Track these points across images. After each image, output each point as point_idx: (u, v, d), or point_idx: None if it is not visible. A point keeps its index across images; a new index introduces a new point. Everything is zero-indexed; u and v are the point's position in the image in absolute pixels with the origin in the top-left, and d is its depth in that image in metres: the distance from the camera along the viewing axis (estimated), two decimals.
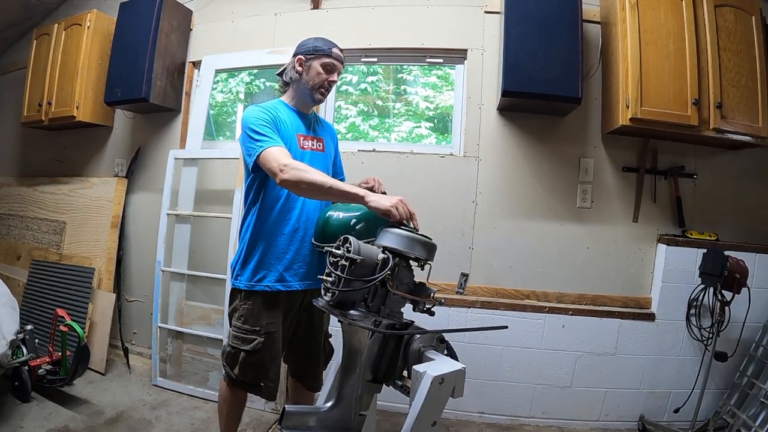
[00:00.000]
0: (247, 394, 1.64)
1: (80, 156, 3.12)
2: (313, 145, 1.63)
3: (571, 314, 2.29)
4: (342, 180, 1.81)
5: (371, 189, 1.59)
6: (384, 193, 1.62)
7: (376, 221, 1.38)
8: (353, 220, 1.39)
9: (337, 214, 1.43)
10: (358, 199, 1.29)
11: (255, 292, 1.54)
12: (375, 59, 2.63)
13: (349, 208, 1.45)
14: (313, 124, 1.68)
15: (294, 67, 1.61)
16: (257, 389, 1.55)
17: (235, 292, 1.60)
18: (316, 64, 1.58)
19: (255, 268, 1.54)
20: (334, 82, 1.62)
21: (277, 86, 1.71)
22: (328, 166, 1.70)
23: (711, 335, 2.11)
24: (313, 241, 1.51)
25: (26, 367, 2.23)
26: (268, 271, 1.53)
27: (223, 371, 1.60)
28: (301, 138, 1.60)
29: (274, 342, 1.54)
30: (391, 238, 1.15)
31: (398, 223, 1.21)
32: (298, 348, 1.69)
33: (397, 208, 1.22)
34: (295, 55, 1.62)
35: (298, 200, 1.55)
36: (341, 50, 1.63)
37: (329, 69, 1.59)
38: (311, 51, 1.59)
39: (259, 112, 1.51)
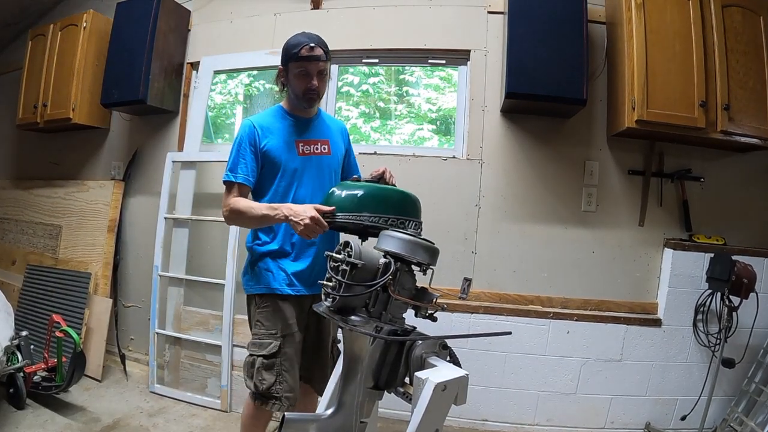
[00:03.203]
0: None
1: (76, 159, 3.08)
2: (316, 149, 1.61)
3: (576, 320, 2.26)
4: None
5: (381, 177, 1.56)
6: (393, 185, 1.57)
7: (380, 198, 1.39)
8: (360, 193, 1.39)
9: (341, 191, 1.41)
10: (279, 219, 1.40)
11: (268, 296, 1.55)
12: (376, 60, 2.60)
13: (355, 185, 1.43)
14: (315, 127, 1.64)
15: (280, 79, 1.59)
16: (277, 401, 1.49)
17: (249, 298, 1.62)
18: (293, 72, 1.53)
19: (266, 272, 1.56)
20: (315, 86, 1.53)
21: (276, 89, 1.68)
22: (336, 168, 1.67)
23: (718, 341, 2.08)
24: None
25: (21, 374, 2.20)
26: (278, 275, 1.55)
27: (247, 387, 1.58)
28: (301, 144, 1.58)
29: (290, 345, 1.54)
30: (393, 242, 1.13)
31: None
32: (307, 352, 1.68)
33: (304, 228, 1.33)
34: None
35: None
36: (316, 45, 1.50)
37: (303, 74, 1.51)
38: (285, 60, 1.54)
39: (244, 132, 1.53)
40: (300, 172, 1.55)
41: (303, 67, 1.50)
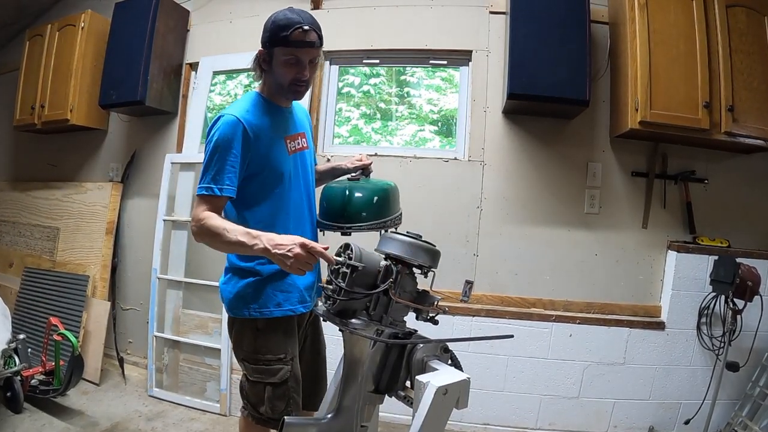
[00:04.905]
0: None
1: (74, 160, 3.07)
2: (299, 144, 1.41)
3: (579, 323, 2.24)
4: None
5: (366, 168, 1.51)
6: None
7: (392, 197, 1.36)
8: (375, 198, 1.37)
9: (359, 193, 1.38)
10: (258, 251, 1.14)
11: (277, 319, 1.34)
12: (377, 61, 2.59)
13: (370, 188, 1.40)
14: (293, 118, 1.43)
15: (258, 64, 1.32)
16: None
17: (247, 323, 1.35)
18: (280, 58, 1.26)
19: (274, 294, 1.34)
20: (306, 77, 1.28)
21: (252, 77, 1.46)
22: (313, 162, 1.52)
23: (722, 344, 2.06)
24: (321, 220, 1.41)
25: (18, 378, 2.19)
26: (289, 293, 1.35)
27: (245, 410, 1.40)
28: (289, 141, 1.36)
29: (297, 364, 1.39)
30: (395, 244, 1.12)
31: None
32: (303, 364, 1.57)
33: (294, 260, 1.09)
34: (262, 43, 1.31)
35: (303, 218, 1.41)
36: (310, 27, 1.24)
37: (293, 63, 1.25)
38: (270, 42, 1.26)
39: (232, 133, 1.23)
40: (292, 173, 1.35)
41: (293, 55, 1.24)
